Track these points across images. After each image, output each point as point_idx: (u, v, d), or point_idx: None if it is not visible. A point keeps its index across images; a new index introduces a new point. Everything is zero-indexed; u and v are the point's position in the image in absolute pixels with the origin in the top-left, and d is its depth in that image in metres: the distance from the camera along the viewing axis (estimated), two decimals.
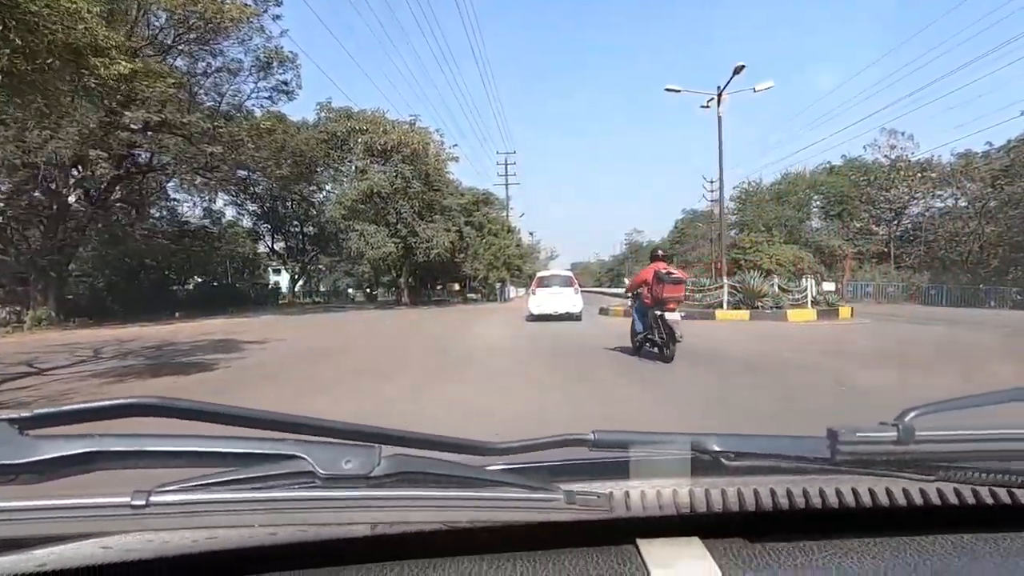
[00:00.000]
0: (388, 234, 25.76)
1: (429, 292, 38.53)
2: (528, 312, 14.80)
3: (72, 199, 18.39)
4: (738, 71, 15.38)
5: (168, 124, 15.99)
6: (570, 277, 15.40)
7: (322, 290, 47.16)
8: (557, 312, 14.08)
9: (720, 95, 16.40)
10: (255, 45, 19.63)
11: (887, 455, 0.55)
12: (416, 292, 33.89)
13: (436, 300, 35.53)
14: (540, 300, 14.35)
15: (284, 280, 40.87)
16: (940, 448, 0.57)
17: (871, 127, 54.34)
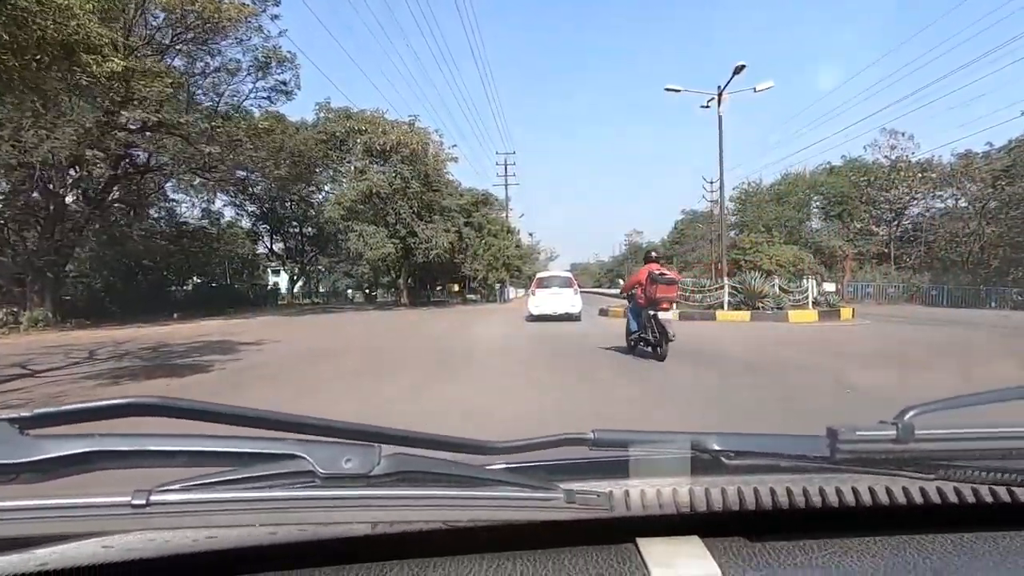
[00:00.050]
0: (387, 235, 25.67)
1: (428, 293, 38.46)
2: (528, 313, 14.88)
3: (69, 199, 18.28)
4: (738, 71, 15.37)
5: (166, 124, 15.91)
6: (569, 278, 15.46)
7: (321, 291, 47.08)
8: (556, 313, 14.13)
9: (720, 95, 16.40)
10: (253, 45, 19.55)
11: (887, 454, 0.55)
12: (415, 293, 33.84)
13: (435, 301, 35.47)
14: (540, 301, 14.41)
15: (283, 281, 40.79)
16: (940, 447, 0.57)
17: (871, 127, 54.38)
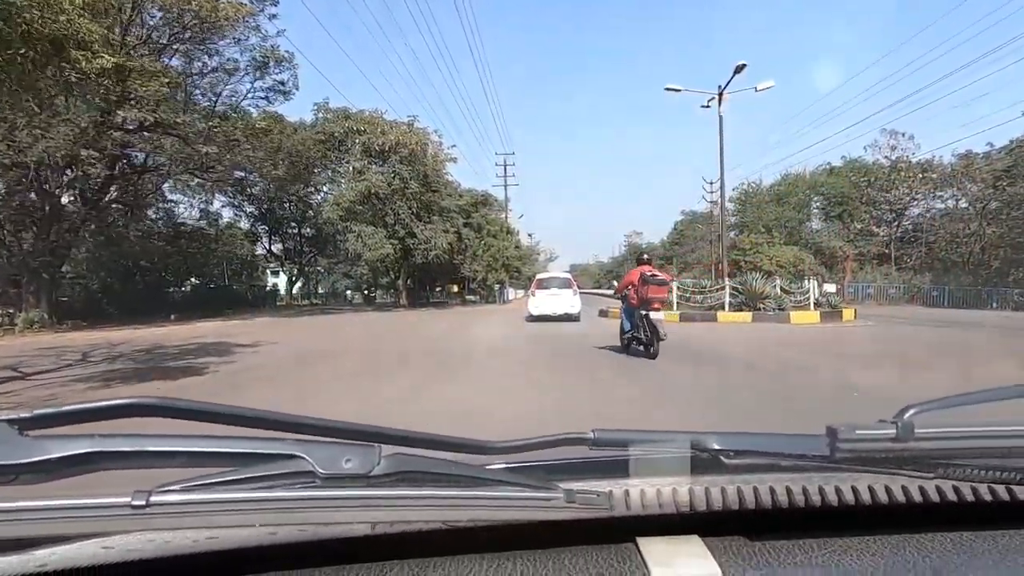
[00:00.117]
0: (386, 235, 25.59)
1: (427, 294, 38.40)
2: (527, 313, 14.95)
3: (65, 200, 18.17)
4: (739, 70, 15.36)
5: (163, 124, 15.81)
6: (569, 279, 15.54)
7: (320, 292, 47.03)
8: (556, 313, 14.18)
9: (721, 94, 16.39)
10: (251, 45, 19.52)
11: (886, 452, 0.55)
12: (414, 294, 33.77)
13: (435, 302, 35.43)
14: (539, 301, 14.48)
15: (282, 282, 40.72)
16: (939, 445, 0.57)
17: (871, 127, 54.41)
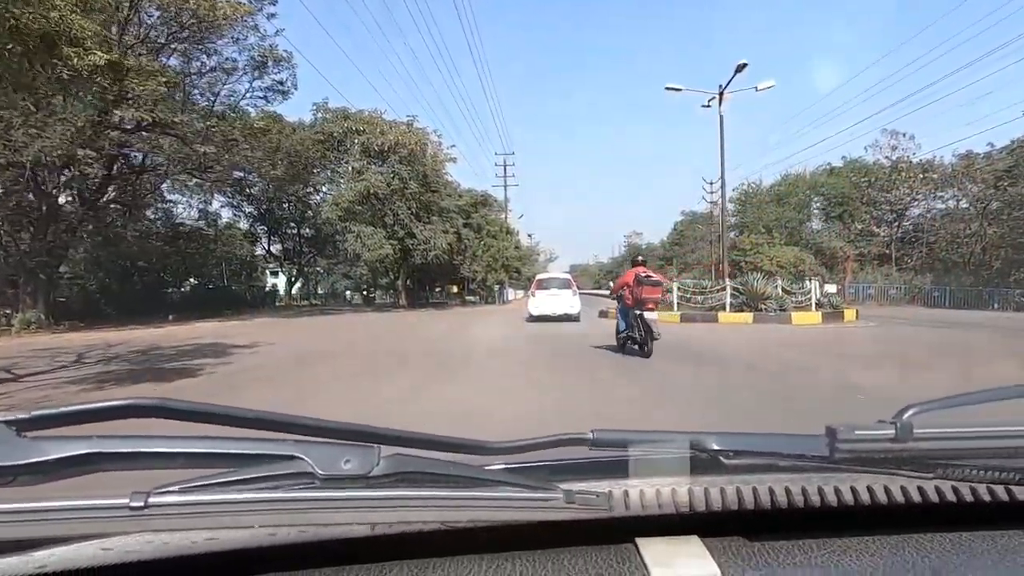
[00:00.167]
0: (385, 236, 25.54)
1: (427, 294, 38.37)
2: (527, 313, 14.99)
3: (63, 200, 18.09)
4: (740, 69, 15.34)
5: (161, 123, 15.74)
6: (569, 279, 15.58)
7: (320, 292, 47.00)
8: (556, 313, 14.21)
9: (722, 94, 16.38)
10: (250, 44, 19.47)
11: (885, 453, 0.55)
12: (414, 294, 33.75)
13: (434, 302, 35.41)
14: (539, 302, 14.53)
15: (281, 282, 40.68)
16: (938, 445, 0.57)
17: (872, 128, 54.28)
